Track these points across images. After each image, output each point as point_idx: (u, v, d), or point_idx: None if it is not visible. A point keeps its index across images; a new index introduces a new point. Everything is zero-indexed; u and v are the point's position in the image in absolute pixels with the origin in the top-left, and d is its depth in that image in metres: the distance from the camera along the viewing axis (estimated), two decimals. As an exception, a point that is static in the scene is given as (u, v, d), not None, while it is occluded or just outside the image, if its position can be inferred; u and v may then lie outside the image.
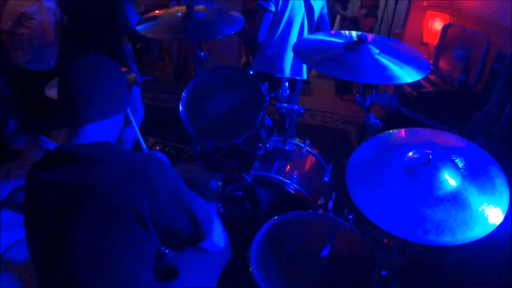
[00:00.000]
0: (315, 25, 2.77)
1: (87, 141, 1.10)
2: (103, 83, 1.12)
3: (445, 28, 3.44)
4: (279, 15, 2.59)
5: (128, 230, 1.03)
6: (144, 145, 1.41)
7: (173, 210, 1.08)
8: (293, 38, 2.69)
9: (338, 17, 5.35)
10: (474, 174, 1.25)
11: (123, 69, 2.67)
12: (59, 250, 1.05)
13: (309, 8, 2.66)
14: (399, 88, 3.22)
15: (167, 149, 3.11)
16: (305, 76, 2.87)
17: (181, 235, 1.12)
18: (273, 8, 2.55)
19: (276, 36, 2.66)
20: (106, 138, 1.14)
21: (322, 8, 2.75)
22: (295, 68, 2.78)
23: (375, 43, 1.74)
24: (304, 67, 2.84)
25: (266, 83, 2.00)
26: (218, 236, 1.23)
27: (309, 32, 2.75)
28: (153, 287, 1.15)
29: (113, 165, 1.06)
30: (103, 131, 1.14)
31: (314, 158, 2.21)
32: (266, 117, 2.03)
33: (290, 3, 2.58)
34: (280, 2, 2.55)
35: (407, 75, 1.59)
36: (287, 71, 2.76)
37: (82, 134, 1.11)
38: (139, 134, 1.41)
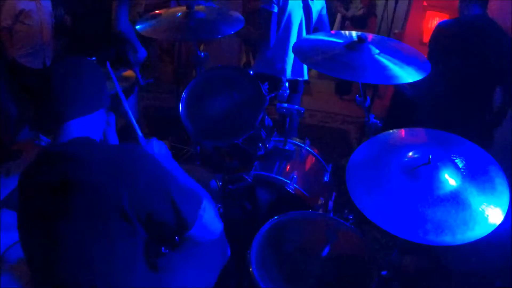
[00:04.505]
0: (313, 26, 2.76)
1: (69, 138, 1.13)
2: (81, 81, 1.16)
3: (445, 28, 3.43)
4: (278, 16, 2.58)
5: (112, 224, 1.05)
6: (140, 133, 1.41)
7: (153, 199, 1.08)
8: (293, 39, 2.68)
9: (338, 17, 5.35)
10: (474, 174, 1.25)
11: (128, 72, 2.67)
12: (51, 250, 1.07)
13: (307, 9, 2.65)
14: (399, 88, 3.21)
15: None
16: (306, 76, 2.86)
17: (165, 224, 1.11)
18: (276, 9, 2.53)
19: (276, 38, 2.65)
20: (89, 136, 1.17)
21: (321, 9, 2.74)
22: (296, 68, 2.77)
23: (375, 43, 1.74)
24: (305, 67, 2.82)
25: (266, 83, 2.00)
26: (211, 223, 1.21)
27: (307, 33, 2.74)
28: (147, 287, 1.16)
29: (92, 160, 1.08)
30: (84, 129, 1.17)
31: (314, 158, 2.21)
32: (266, 117, 2.03)
33: (290, 4, 2.57)
34: (280, 3, 2.54)
35: (407, 75, 1.59)
36: (289, 72, 2.75)
37: (64, 133, 1.14)
38: (134, 121, 1.41)
